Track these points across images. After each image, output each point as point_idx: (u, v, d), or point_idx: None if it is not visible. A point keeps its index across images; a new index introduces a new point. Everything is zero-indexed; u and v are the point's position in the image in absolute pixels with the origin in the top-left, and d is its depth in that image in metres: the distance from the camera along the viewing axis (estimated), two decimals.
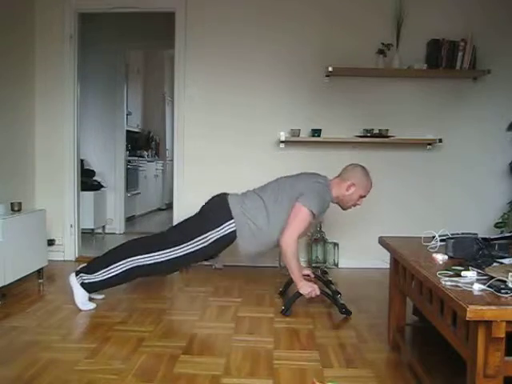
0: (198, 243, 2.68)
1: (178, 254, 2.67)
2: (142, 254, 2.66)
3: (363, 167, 2.88)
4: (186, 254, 2.68)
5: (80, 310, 2.71)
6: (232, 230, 2.71)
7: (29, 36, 3.91)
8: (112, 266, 2.67)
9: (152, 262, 2.66)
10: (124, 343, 2.25)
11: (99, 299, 2.87)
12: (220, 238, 2.70)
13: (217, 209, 2.78)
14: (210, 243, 2.69)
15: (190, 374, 1.95)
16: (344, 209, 2.90)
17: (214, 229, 2.69)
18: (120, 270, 2.67)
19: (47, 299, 2.95)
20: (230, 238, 2.73)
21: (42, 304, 2.84)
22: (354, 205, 2.88)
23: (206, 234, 2.68)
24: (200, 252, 2.70)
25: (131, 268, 2.67)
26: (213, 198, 2.91)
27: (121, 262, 2.67)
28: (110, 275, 2.68)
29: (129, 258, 2.67)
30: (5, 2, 3.54)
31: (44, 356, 2.08)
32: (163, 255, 2.66)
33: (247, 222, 2.73)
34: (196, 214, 2.86)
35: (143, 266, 2.66)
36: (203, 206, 2.89)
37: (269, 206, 2.77)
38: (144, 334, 2.38)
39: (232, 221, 2.71)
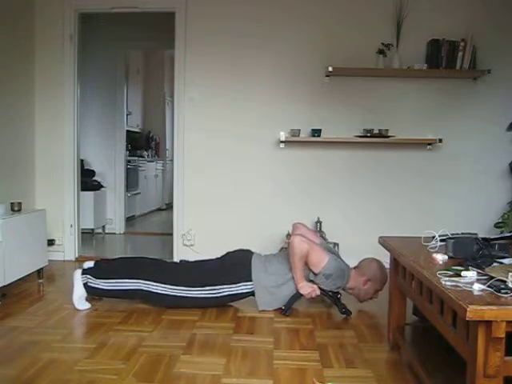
0: (210, 292, 2.71)
1: (187, 295, 2.70)
2: (153, 281, 2.69)
3: (379, 261, 2.84)
4: (195, 297, 2.71)
5: (75, 308, 2.71)
6: (247, 290, 2.74)
7: (29, 36, 3.91)
8: (120, 281, 2.71)
9: (160, 292, 2.69)
10: (124, 343, 2.25)
11: (98, 299, 2.87)
12: (232, 294, 2.74)
13: (238, 265, 2.80)
14: (221, 296, 2.72)
15: (190, 373, 1.95)
16: (361, 301, 2.89)
17: (229, 284, 2.72)
18: (126, 287, 2.70)
19: (47, 299, 2.95)
20: (242, 296, 2.77)
21: (41, 304, 2.85)
22: (371, 298, 2.87)
23: (221, 287, 2.72)
24: (208, 300, 2.73)
25: (138, 289, 2.70)
26: (238, 250, 2.94)
27: (130, 280, 2.70)
28: (114, 288, 2.71)
29: (140, 279, 2.69)
30: (5, 1, 3.53)
31: (44, 356, 2.08)
32: (173, 291, 2.69)
33: (266, 286, 2.74)
34: (217, 262, 2.88)
35: (150, 292, 2.69)
36: (226, 256, 2.92)
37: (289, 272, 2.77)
38: (144, 334, 2.38)
39: (250, 283, 2.73)
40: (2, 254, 2.83)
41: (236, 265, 2.81)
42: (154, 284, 2.69)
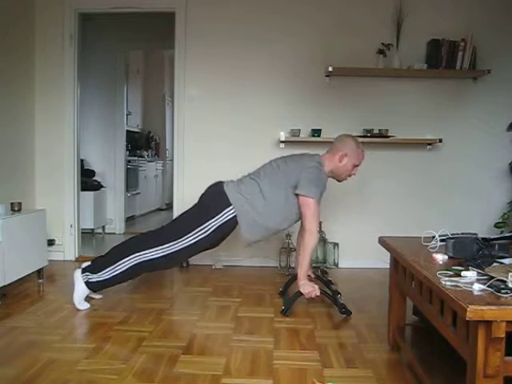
0: (198, 234, 2.69)
1: (180, 247, 2.68)
2: (145, 250, 2.67)
3: (353, 137, 2.92)
4: (189, 245, 2.68)
5: (76, 308, 2.72)
6: (231, 216, 2.72)
7: (29, 36, 3.91)
8: (117, 264, 2.69)
9: (156, 256, 2.67)
10: (124, 343, 2.25)
11: (97, 299, 2.88)
12: (220, 225, 2.71)
13: (214, 197, 2.80)
14: (210, 232, 2.70)
15: (190, 374, 1.95)
16: (339, 180, 2.93)
17: (213, 217, 2.70)
18: (126, 267, 2.68)
19: (47, 299, 2.95)
20: (230, 224, 2.75)
21: (42, 304, 2.84)
22: (350, 175, 2.91)
23: (206, 224, 2.69)
24: (202, 242, 2.71)
25: (136, 264, 2.68)
26: (209, 187, 2.93)
27: (126, 259, 2.68)
28: (115, 273, 2.69)
29: (133, 254, 2.68)
30: (5, 1, 3.53)
31: (44, 356, 2.08)
32: (166, 249, 2.67)
33: (246, 207, 2.74)
34: (194, 205, 2.87)
35: (148, 260, 2.67)
36: (200, 197, 2.91)
37: (265, 190, 2.78)
38: (144, 333, 2.38)
39: (231, 207, 2.72)
40: (2, 254, 2.83)
41: (212, 199, 2.79)
42: (147, 252, 2.66)
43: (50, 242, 3.84)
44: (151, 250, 2.67)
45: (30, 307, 2.78)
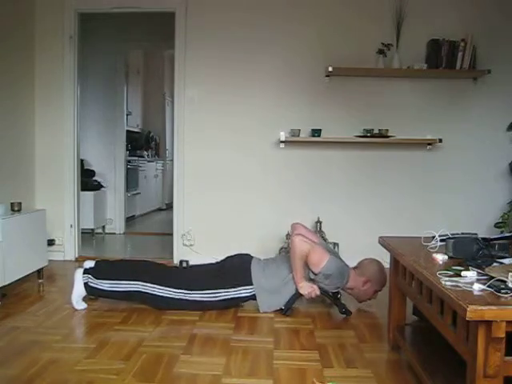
0: (209, 295, 2.71)
1: (184, 297, 2.70)
2: (153, 284, 2.69)
3: (379, 262, 2.84)
4: (192, 300, 2.71)
5: (73, 308, 2.72)
6: (246, 294, 2.74)
7: (29, 36, 3.91)
8: (120, 282, 2.71)
9: (158, 294, 2.69)
10: (124, 343, 2.25)
11: (93, 298, 2.87)
12: (231, 298, 2.73)
13: (238, 270, 2.80)
14: (219, 300, 2.72)
15: (190, 373, 1.95)
16: (359, 301, 2.89)
17: (228, 288, 2.72)
18: (126, 289, 2.71)
19: (47, 299, 2.95)
20: (239, 301, 2.77)
21: (42, 304, 2.85)
22: (369, 298, 2.86)
23: (218, 291, 2.72)
24: (206, 303, 2.72)
25: (137, 291, 2.70)
26: (237, 255, 2.94)
27: (130, 282, 2.71)
28: (115, 289, 2.72)
29: (139, 281, 2.70)
30: (5, 2, 3.53)
31: (44, 356, 2.08)
32: (171, 293, 2.69)
33: (266, 289, 2.74)
34: (217, 266, 2.89)
35: (148, 294, 2.70)
36: (225, 260, 2.92)
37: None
38: (144, 333, 2.38)
39: (250, 287, 2.73)
40: (2, 254, 2.83)
41: (235, 269, 2.81)
42: (154, 286, 2.69)
43: (50, 242, 3.83)
44: (157, 287, 2.69)
45: (30, 307, 2.78)
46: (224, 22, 3.90)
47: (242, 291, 2.74)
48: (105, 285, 2.72)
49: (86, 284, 2.74)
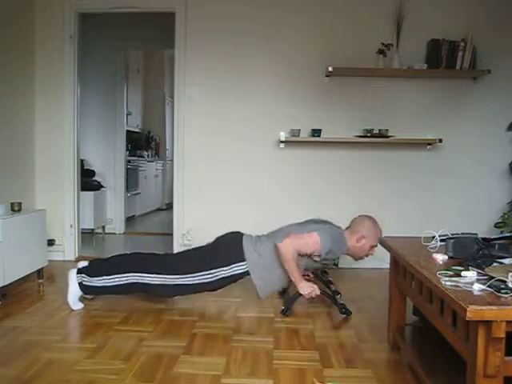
0: (204, 277, 2.68)
1: (182, 282, 2.67)
2: (147, 273, 2.67)
3: (370, 217, 2.85)
4: (190, 284, 2.68)
5: (70, 308, 2.71)
6: (241, 271, 2.70)
7: (29, 36, 3.91)
8: (114, 276, 2.69)
9: (153, 282, 2.67)
10: (124, 343, 2.25)
11: (89, 299, 2.87)
12: (227, 276, 2.70)
13: (230, 247, 2.77)
14: (215, 280, 2.69)
15: (190, 374, 1.95)
16: (356, 259, 2.88)
17: (222, 267, 2.69)
18: (121, 282, 2.68)
19: (47, 299, 2.95)
20: (236, 277, 2.73)
21: (42, 304, 2.85)
22: (367, 255, 2.85)
23: (213, 271, 2.68)
24: (203, 285, 2.70)
25: (133, 283, 2.68)
26: (228, 234, 2.90)
27: (124, 275, 2.68)
28: (109, 284, 2.69)
29: (133, 272, 2.67)
30: (4, 1, 3.53)
31: (44, 356, 2.08)
32: (168, 280, 2.66)
33: (259, 264, 2.71)
34: (208, 246, 2.86)
35: (145, 284, 2.67)
36: (217, 240, 2.88)
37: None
38: (144, 334, 2.38)
39: (243, 262, 2.70)
40: (2, 254, 2.83)
41: (227, 247, 2.77)
42: (148, 276, 2.66)
43: (50, 242, 3.83)
44: (151, 276, 2.66)
45: (29, 307, 2.78)
46: (224, 22, 3.90)
47: (236, 268, 2.69)
48: (99, 282, 2.70)
49: (80, 284, 2.72)
